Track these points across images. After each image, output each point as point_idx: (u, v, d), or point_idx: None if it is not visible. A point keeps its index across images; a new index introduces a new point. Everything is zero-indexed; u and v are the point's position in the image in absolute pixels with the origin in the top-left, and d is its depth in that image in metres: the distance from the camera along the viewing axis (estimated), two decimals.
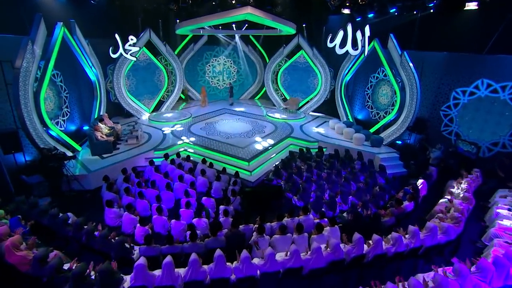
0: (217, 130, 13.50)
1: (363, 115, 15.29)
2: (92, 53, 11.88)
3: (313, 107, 16.82)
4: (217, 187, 9.01)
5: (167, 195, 8.35)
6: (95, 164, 9.80)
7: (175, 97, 16.35)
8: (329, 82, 16.08)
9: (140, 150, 11.07)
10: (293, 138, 13.03)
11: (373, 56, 13.69)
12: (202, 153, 11.42)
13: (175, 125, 13.65)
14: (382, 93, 13.71)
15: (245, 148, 11.51)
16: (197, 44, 17.79)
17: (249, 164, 10.40)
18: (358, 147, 12.05)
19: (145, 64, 14.91)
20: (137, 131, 11.50)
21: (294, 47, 16.46)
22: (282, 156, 11.57)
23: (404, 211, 7.07)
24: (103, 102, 13.04)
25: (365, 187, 9.05)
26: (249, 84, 19.82)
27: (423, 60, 11.49)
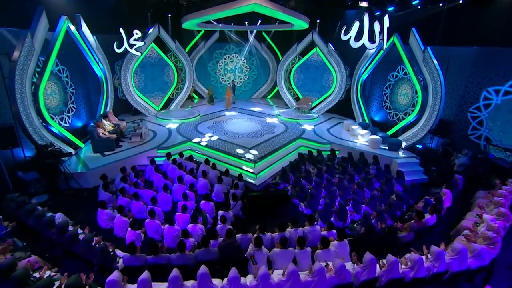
0: (225, 130, 12.87)
1: (380, 117, 14.20)
2: (99, 49, 11.56)
3: (327, 107, 15.86)
4: (218, 190, 8.36)
5: (164, 197, 7.78)
6: (95, 162, 9.40)
7: (184, 95, 15.88)
8: (345, 81, 15.08)
9: (143, 148, 10.60)
10: (304, 140, 12.18)
11: (393, 53, 12.62)
12: (207, 153, 10.81)
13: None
14: (401, 93, 12.60)
15: (251, 149, 10.80)
16: (209, 41, 17.27)
17: (255, 166, 9.67)
18: (374, 151, 11.06)
19: (154, 60, 14.51)
20: (141, 129, 11.05)
21: (308, 44, 15.58)
22: (291, 159, 10.76)
23: (425, 226, 6.12)
24: (110, 99, 12.72)
25: (380, 195, 8.11)
26: (261, 83, 19.08)
27: (449, 56, 10.34)
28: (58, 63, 10.41)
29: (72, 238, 5.33)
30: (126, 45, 10.43)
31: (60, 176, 8.30)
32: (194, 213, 6.60)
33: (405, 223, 6.53)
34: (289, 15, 10.01)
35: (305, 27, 12.50)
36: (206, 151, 10.92)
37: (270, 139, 11.91)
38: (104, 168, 9.10)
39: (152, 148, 10.62)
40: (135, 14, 12.92)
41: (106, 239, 6.68)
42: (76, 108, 11.50)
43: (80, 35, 10.40)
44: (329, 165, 9.60)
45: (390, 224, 7.23)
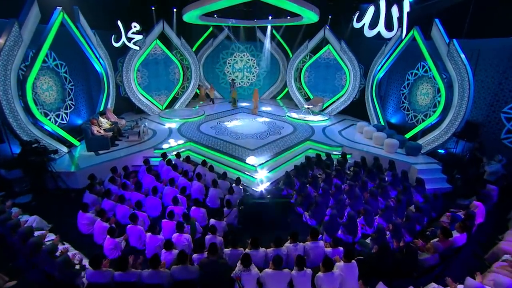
0: (228, 130, 12.03)
1: (397, 119, 12.96)
2: (100, 45, 11.03)
3: (339, 108, 14.74)
4: (213, 195, 7.49)
5: (152, 201, 6.99)
6: (87, 161, 8.78)
7: (190, 94, 15.20)
8: (359, 80, 13.93)
9: (139, 148, 9.92)
10: (313, 142, 11.15)
11: (411, 49, 11.45)
12: (206, 154, 10.00)
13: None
14: (421, 93, 11.36)
15: (255, 150, 9.89)
16: (217, 39, 16.57)
17: (256, 170, 8.75)
18: (390, 155, 9.89)
19: (159, 58, 13.91)
20: (138, 127, 10.38)
21: (320, 41, 14.55)
22: (298, 162, 9.76)
23: (452, 246, 4.99)
24: (112, 96, 12.17)
25: (397, 206, 7.00)
26: (271, 83, 18.16)
27: (478, 49, 9.05)
28: (56, 58, 9.95)
29: (34, 247, 4.59)
30: (124, 38, 9.83)
31: (46, 175, 7.70)
32: (179, 221, 5.74)
33: (428, 241, 5.42)
34: (298, 5, 9.07)
35: (315, 19, 11.50)
36: (206, 152, 10.11)
37: (276, 140, 10.96)
38: (95, 167, 8.45)
39: (149, 148, 9.92)
40: (138, 8, 12.33)
41: (85, 247, 6.01)
42: (75, 105, 11.01)
43: (78, 29, 9.88)
44: (339, 170, 8.55)
45: (408, 240, 6.13)
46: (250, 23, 14.47)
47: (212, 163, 9.35)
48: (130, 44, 10.12)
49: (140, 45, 12.27)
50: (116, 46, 10.28)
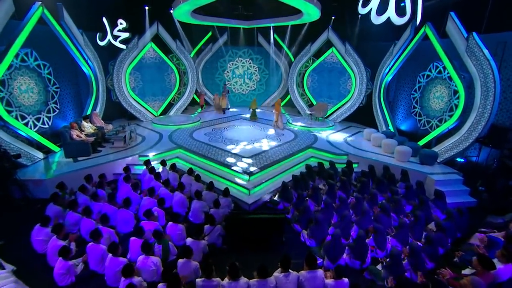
0: (223, 137, 11.01)
1: (408, 125, 11.76)
2: (88, 45, 10.29)
3: (345, 115, 13.62)
4: (196, 208, 6.39)
5: (123, 214, 5.91)
6: (62, 168, 7.83)
7: (186, 100, 14.32)
8: (365, 84, 12.85)
9: (123, 154, 8.94)
10: (316, 150, 10.02)
11: (423, 48, 10.43)
12: (196, 162, 8.97)
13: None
14: (435, 96, 10.21)
15: (249, 158, 8.80)
16: (216, 44, 15.81)
17: (249, 180, 7.64)
18: (402, 164, 8.68)
19: (154, 62, 13.14)
20: (124, 132, 9.45)
21: (323, 43, 13.61)
22: (297, 172, 8.63)
23: (494, 281, 3.74)
24: (101, 101, 11.35)
25: (414, 224, 5.76)
26: (272, 90, 17.21)
27: (505, 42, 7.89)
28: (38, 58, 9.21)
29: None
30: (109, 36, 9.05)
31: (10, 183, 6.74)
32: (146, 240, 4.65)
33: (457, 271, 4.18)
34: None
35: (316, 15, 10.58)
36: (195, 160, 9.09)
37: (274, 147, 9.87)
38: (70, 175, 7.49)
39: (134, 155, 8.93)
40: (128, 6, 11.57)
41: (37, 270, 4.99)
42: (60, 109, 10.20)
43: (62, 27, 9.16)
44: (344, 181, 7.36)
45: (430, 268, 4.89)
46: (250, 23, 13.62)
47: (202, 172, 8.33)
48: (116, 43, 9.35)
49: (132, 47, 11.58)
50: (101, 44, 9.51)
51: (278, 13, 12.34)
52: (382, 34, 12.07)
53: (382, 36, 12.12)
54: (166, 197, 6.75)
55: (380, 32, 12.13)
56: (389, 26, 11.77)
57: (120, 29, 9.02)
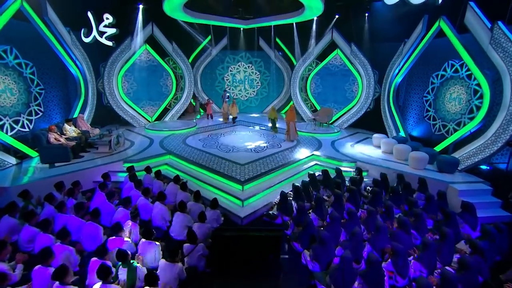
0: (219, 143, 10.06)
1: (420, 131, 10.69)
2: (77, 45, 9.59)
3: (351, 120, 12.60)
4: (178, 222, 5.36)
5: (90, 228, 4.91)
6: (34, 175, 6.92)
7: (183, 105, 13.49)
8: (373, 87, 11.88)
9: (108, 160, 8.03)
10: (320, 157, 8.99)
11: (435, 46, 9.49)
12: (186, 169, 8.01)
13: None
14: (451, 98, 9.17)
15: (245, 165, 7.80)
16: (215, 48, 15.11)
17: (243, 190, 6.62)
18: (417, 172, 7.59)
19: (149, 65, 12.40)
20: (110, 136, 8.57)
21: (327, 45, 12.75)
22: (298, 180, 7.58)
23: None
24: (90, 104, 10.58)
25: (441, 243, 4.63)
26: (274, 96, 16.33)
27: None
28: (19, 56, 8.50)
29: None
30: (95, 32, 8.32)
31: None
32: (103, 264, 3.63)
33: None
34: None
35: (318, 10, 9.76)
36: (185, 166, 8.13)
37: (273, 154, 8.87)
38: (42, 182, 6.58)
39: (118, 161, 8.02)
40: (126, 10, 10.94)
41: None
42: (44, 112, 9.42)
43: (46, 24, 8.48)
44: (353, 191, 6.28)
45: None
46: (250, 23, 12.85)
47: (192, 180, 7.35)
48: (102, 39, 8.61)
49: (124, 48, 10.88)
50: (86, 41, 8.78)
51: (279, 10, 11.57)
52: (390, 33, 11.19)
53: (390, 35, 11.23)
54: (145, 208, 5.77)
55: (388, 31, 11.27)
56: (398, 24, 11.04)
57: (106, 24, 8.29)
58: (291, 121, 10.15)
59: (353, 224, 5.27)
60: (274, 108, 11.67)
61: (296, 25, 13.60)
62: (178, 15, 10.61)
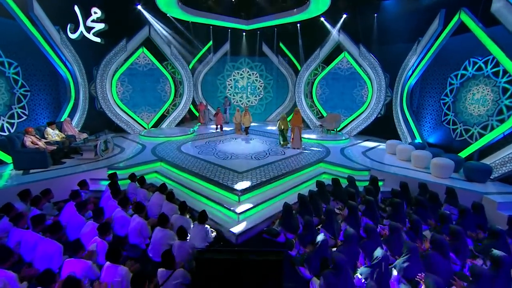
0: (216, 149, 9.12)
1: (438, 136, 9.63)
2: (67, 45, 8.93)
3: (361, 127, 11.60)
4: (157, 240, 4.35)
5: (46, 246, 3.93)
6: (2, 182, 6.03)
7: (181, 112, 12.69)
8: (384, 91, 10.93)
9: (91, 166, 7.13)
10: (328, 164, 7.96)
11: (453, 44, 8.58)
12: (177, 178, 7.05)
13: None
14: (473, 99, 8.17)
15: (243, 173, 6.81)
16: (217, 54, 14.45)
17: (239, 201, 5.60)
18: (442, 181, 6.49)
19: (146, 69, 11.69)
20: (96, 141, 7.70)
21: (334, 47, 11.94)
22: (305, 191, 6.54)
23: None
24: (81, 109, 9.82)
25: (495, 272, 3.50)
26: (278, 103, 15.47)
27: None
28: (1, 54, 7.82)
29: None
30: (82, 28, 7.62)
31: None
32: None
33: None
34: None
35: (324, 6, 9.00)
36: (177, 175, 7.17)
37: (277, 161, 7.87)
38: (9, 191, 5.64)
39: (102, 167, 7.09)
40: (123, 10, 10.33)
41: None
42: (28, 115, 8.65)
43: (32, 21, 7.84)
44: (370, 202, 5.20)
45: None
46: (252, 22, 12.11)
47: (183, 190, 6.38)
48: (89, 35, 7.90)
49: (119, 50, 10.21)
50: (73, 37, 8.09)
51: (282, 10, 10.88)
52: (401, 33, 10.33)
53: (401, 35, 10.38)
54: (121, 222, 4.78)
55: (398, 31, 10.41)
56: (410, 22, 10.17)
57: (94, 19, 7.61)
58: (297, 125, 9.17)
59: (373, 243, 4.19)
60: (285, 117, 9.66)
61: (301, 27, 12.87)
62: (175, 12, 9.89)
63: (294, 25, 12.77)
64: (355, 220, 4.92)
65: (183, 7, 9.72)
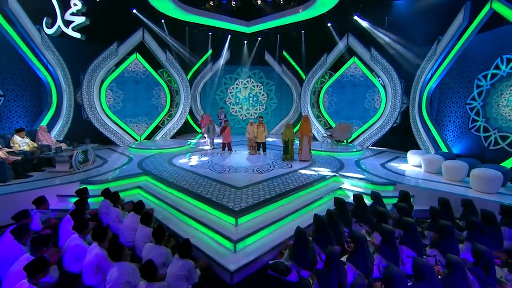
0: (213, 162, 7.89)
1: (465, 146, 8.36)
2: (49, 46, 7.99)
3: (374, 138, 10.36)
4: (115, 278, 3.00)
5: None
6: None
7: (177, 123, 11.57)
8: (400, 98, 9.80)
9: (61, 181, 5.90)
10: (344, 178, 6.66)
11: (481, 40, 7.51)
12: (165, 195, 5.78)
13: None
14: (509, 100, 6.94)
15: (243, 189, 5.53)
16: (217, 63, 13.57)
17: (237, 224, 4.29)
18: (488, 197, 5.16)
19: (140, 76, 10.72)
20: (72, 151, 6.53)
21: (342, 52, 10.94)
22: (319, 210, 5.23)
23: None
24: (64, 117, 8.75)
25: None
26: (282, 115, 14.37)
27: None
28: None
29: None
30: (60, 22, 6.68)
31: None
32: None
33: None
34: None
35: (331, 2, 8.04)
36: (163, 191, 5.91)
37: (282, 175, 6.60)
38: None
39: (74, 182, 5.86)
40: (116, 14, 9.52)
41: None
42: None
43: (7, 17, 6.93)
44: (411, 226, 3.86)
45: None
46: (253, 23, 11.19)
47: (168, 210, 5.10)
48: (68, 30, 6.94)
49: (108, 55, 9.28)
50: (49, 33, 7.13)
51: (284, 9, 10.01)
52: (416, 35, 9.34)
53: (416, 37, 9.37)
54: (75, 253, 3.50)
55: (413, 33, 9.42)
56: (426, 22, 9.23)
57: (74, 11, 6.69)
58: (306, 134, 7.97)
59: (428, 283, 2.84)
60: (290, 126, 8.35)
61: (305, 32, 12.01)
62: (168, 8, 8.95)
63: (298, 30, 11.92)
64: (393, 251, 3.59)
65: (181, 6, 8.84)
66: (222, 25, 10.60)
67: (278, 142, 10.71)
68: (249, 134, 8.94)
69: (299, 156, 8.17)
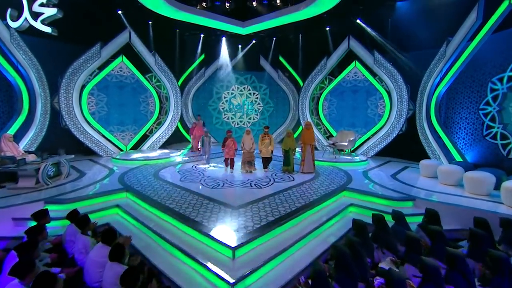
0: (205, 175, 6.97)
1: (478, 154, 7.70)
2: (20, 45, 7.08)
3: (379, 147, 9.63)
4: None
5: None
6: None
7: (166, 132, 10.63)
8: (406, 104, 9.14)
9: (22, 199, 4.90)
10: (355, 193, 5.82)
11: (494, 41, 6.95)
12: (145, 216, 4.82)
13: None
14: None
15: (239, 210, 4.63)
16: (209, 68, 12.80)
17: (234, 258, 3.37)
18: None
19: (125, 81, 9.81)
20: (39, 164, 5.53)
21: (343, 56, 10.29)
22: (330, 233, 4.36)
23: None
24: (37, 125, 7.75)
25: None
26: (278, 123, 13.59)
27: None
28: None
29: None
30: (27, 14, 5.78)
31: None
32: None
33: None
34: None
35: None
36: (144, 211, 4.95)
37: (285, 191, 5.72)
38: None
39: (37, 201, 4.85)
40: (102, 14, 8.69)
41: None
42: None
43: None
44: (458, 258, 3.01)
45: None
46: (248, 24, 10.44)
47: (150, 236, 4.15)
48: (37, 24, 6.01)
49: (90, 57, 8.39)
50: (14, 27, 6.21)
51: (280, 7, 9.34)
52: (421, 38, 8.77)
53: (421, 41, 8.81)
54: None
55: (421, 35, 8.85)
56: (433, 23, 8.70)
57: (44, 2, 5.82)
58: (309, 143, 7.15)
59: None
60: (290, 133, 7.45)
61: (303, 35, 11.38)
62: (156, 4, 8.10)
63: (296, 34, 11.29)
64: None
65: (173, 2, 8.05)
66: (215, 24, 9.84)
67: (274, 152, 9.87)
68: (245, 146, 7.27)
69: (301, 167, 7.33)
